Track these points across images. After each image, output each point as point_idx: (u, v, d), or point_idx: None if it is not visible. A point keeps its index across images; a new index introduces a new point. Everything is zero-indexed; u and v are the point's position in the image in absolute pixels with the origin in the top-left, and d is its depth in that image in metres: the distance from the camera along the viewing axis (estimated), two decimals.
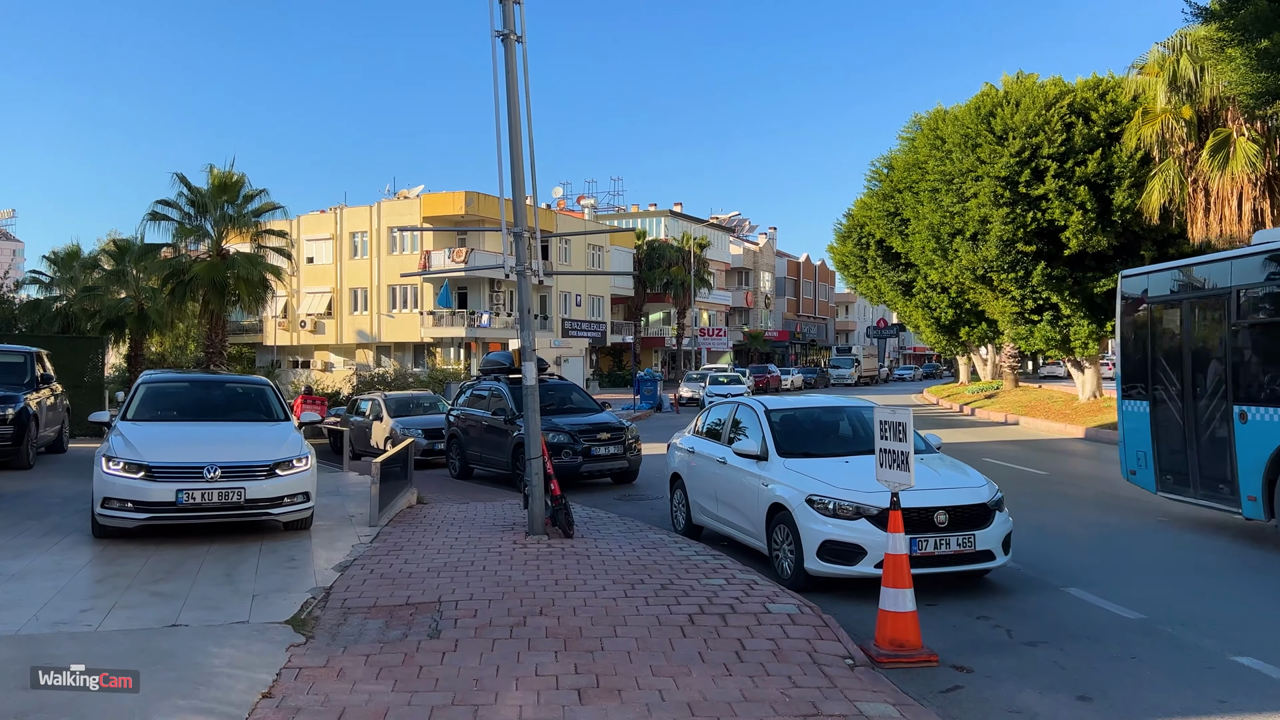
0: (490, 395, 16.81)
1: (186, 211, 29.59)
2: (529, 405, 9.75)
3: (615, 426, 15.68)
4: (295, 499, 9.42)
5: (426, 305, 52.28)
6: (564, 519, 9.66)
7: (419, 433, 19.88)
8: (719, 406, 10.70)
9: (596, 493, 14.89)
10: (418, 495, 13.00)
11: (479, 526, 10.46)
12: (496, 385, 16.73)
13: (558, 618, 6.53)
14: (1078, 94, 24.24)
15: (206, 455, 9.09)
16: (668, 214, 71.17)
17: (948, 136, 26.20)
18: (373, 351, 55.35)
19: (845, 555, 7.71)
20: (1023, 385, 38.77)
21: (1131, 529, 10.97)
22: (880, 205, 33.61)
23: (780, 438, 8.97)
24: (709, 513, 10.02)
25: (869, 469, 8.44)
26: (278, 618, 6.50)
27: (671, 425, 31.71)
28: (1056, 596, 7.90)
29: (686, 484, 10.63)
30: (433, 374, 49.32)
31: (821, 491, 7.95)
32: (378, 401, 21.86)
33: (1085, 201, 23.29)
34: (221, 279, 28.89)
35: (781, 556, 8.31)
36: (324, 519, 10.69)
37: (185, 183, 29.27)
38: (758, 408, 9.54)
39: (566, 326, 56.84)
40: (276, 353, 59.52)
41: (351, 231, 55.41)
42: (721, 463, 9.62)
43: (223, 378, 12.12)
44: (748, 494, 8.98)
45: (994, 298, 28.17)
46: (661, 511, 12.86)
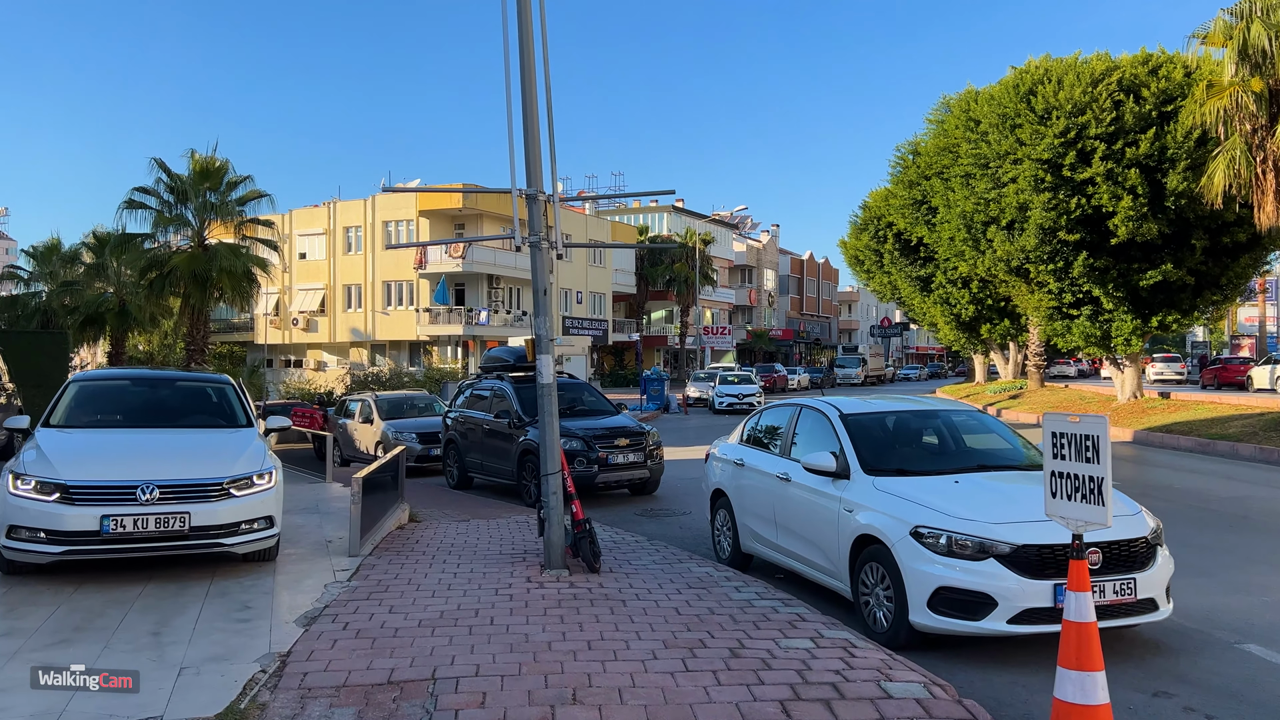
0: (493, 396, 14.97)
1: (166, 199, 27.70)
2: (546, 408, 7.90)
3: (635, 431, 13.84)
4: (255, 525, 7.56)
5: (422, 302, 50.38)
6: (588, 549, 7.82)
7: (413, 437, 18.04)
8: (774, 409, 8.85)
9: (614, 506, 13.04)
10: (409, 512, 11.15)
11: (483, 556, 8.60)
12: (500, 385, 14.89)
13: (599, 708, 4.68)
14: (1126, 70, 22.40)
15: (142, 471, 7.23)
16: (670, 210, 69.25)
17: (983, 117, 24.36)
18: (367, 350, 53.45)
19: (967, 607, 5.87)
20: (1048, 385, 36.96)
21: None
22: (905, 194, 31.74)
23: (864, 450, 7.13)
24: (764, 540, 8.18)
25: (988, 492, 6.65)
26: (206, 711, 4.63)
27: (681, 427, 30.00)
28: (1237, 659, 6.07)
29: (734, 503, 8.78)
30: (429, 373, 47.41)
31: (933, 522, 6.11)
32: (368, 402, 20.00)
33: (1136, 185, 21.46)
34: (203, 271, 27.01)
35: (874, 604, 6.47)
36: (295, 545, 8.83)
37: (164, 168, 27.39)
38: (829, 411, 7.69)
39: (567, 324, 54.96)
40: (268, 351, 57.58)
41: (345, 226, 53.50)
42: (783, 479, 7.78)
43: (173, 375, 10.22)
44: (821, 521, 7.14)
45: (1028, 291, 26.35)
46: (694, 531, 11.03)
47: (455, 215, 51.51)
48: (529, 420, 13.76)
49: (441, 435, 16.54)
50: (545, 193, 7.84)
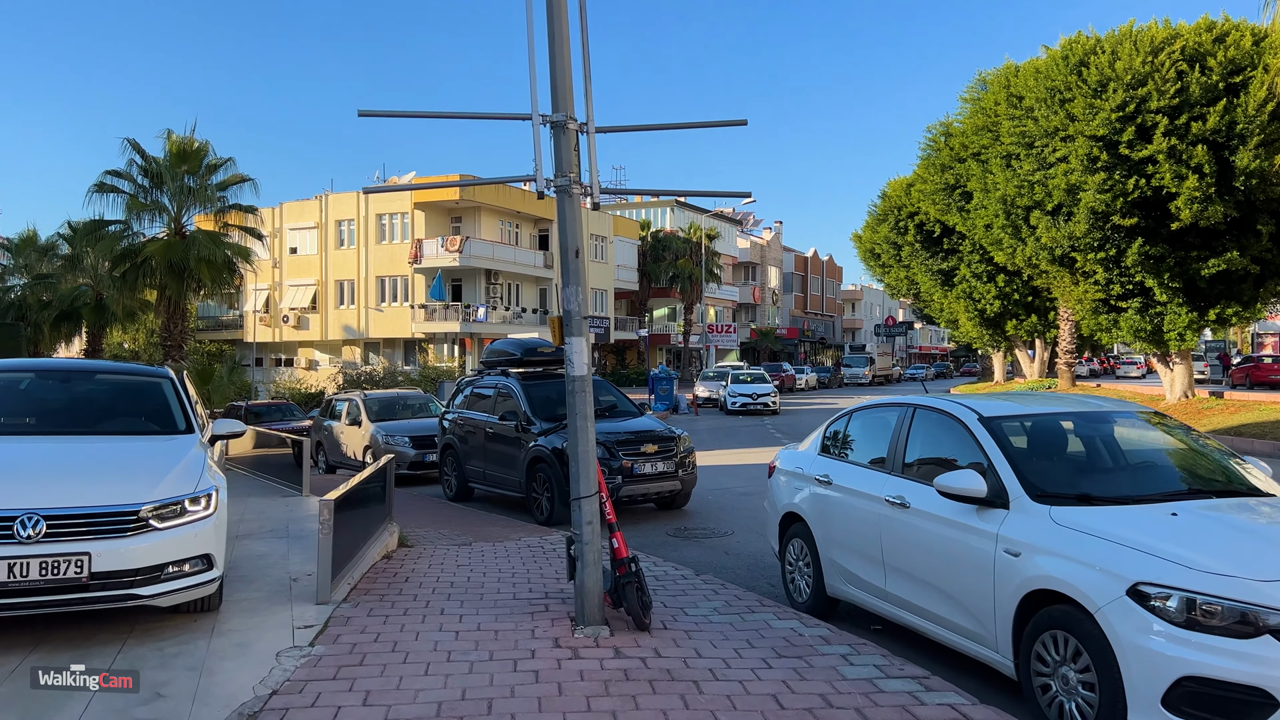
0: (496, 395, 12.98)
1: (140, 183, 25.61)
2: (577, 408, 5.91)
3: (664, 436, 11.84)
4: (186, 567, 5.57)
5: (418, 298, 48.33)
6: (635, 599, 5.83)
7: (405, 441, 16.05)
8: (870, 411, 6.85)
9: (639, 523, 11.07)
10: (399, 535, 9.15)
11: (493, 601, 6.61)
12: (504, 382, 12.90)
13: None
14: (1189, 38, 20.43)
15: (25, 496, 5.23)
16: (673, 204, 67.29)
17: (1028, 92, 22.35)
18: (360, 348, 51.40)
19: (1229, 709, 3.90)
20: (1079, 384, 35.03)
21: None
22: (936, 178, 29.70)
23: (1029, 468, 5.13)
24: (864, 583, 6.20)
25: (1230, 530, 4.65)
26: None
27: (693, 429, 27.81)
28: None
29: (816, 533, 6.79)
30: (424, 372, 45.37)
31: (1163, 576, 4.13)
32: (355, 402, 17.98)
33: (1202, 164, 19.49)
34: (180, 261, 24.94)
35: (1059, 692, 4.48)
36: (249, 586, 6.83)
37: (138, 149, 25.33)
38: (961, 413, 5.69)
39: None
40: (257, 350, 55.55)
41: (338, 220, 51.43)
42: (895, 505, 5.80)
43: (94, 366, 8.14)
44: (964, 566, 5.16)
45: (1071, 283, 24.38)
46: (745, 559, 9.08)
47: (452, 208, 49.50)
48: (539, 422, 11.79)
49: (438, 439, 14.55)
50: (577, 119, 5.85)
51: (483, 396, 13.40)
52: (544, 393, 12.47)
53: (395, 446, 15.96)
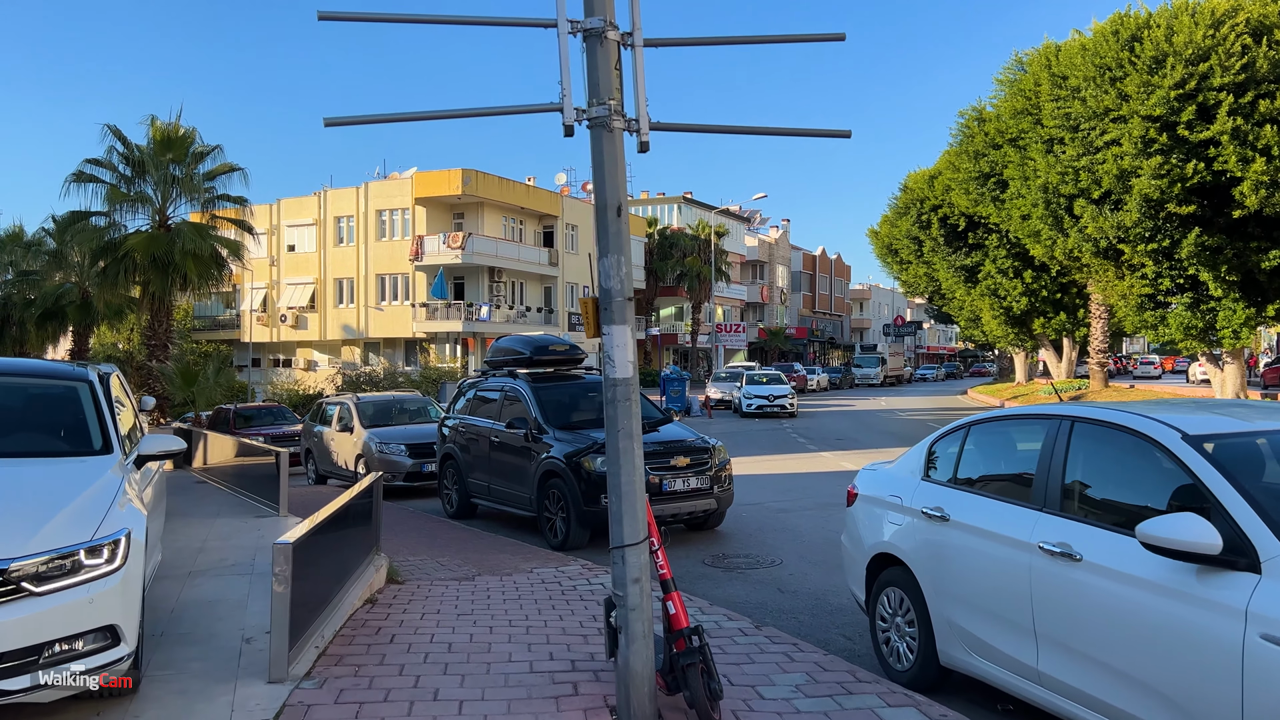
0: (503, 399, 11.42)
1: (122, 173, 24.08)
2: (618, 423, 4.31)
3: (696, 447, 10.26)
4: (77, 646, 4.01)
5: (419, 297, 46.77)
6: (700, 686, 4.23)
7: (401, 449, 14.50)
8: (1001, 424, 5.26)
9: (668, 549, 9.48)
10: (388, 569, 7.59)
11: (503, 680, 5.01)
12: (512, 384, 11.34)
13: None
14: (1253, 10, 18.84)
15: None
16: (681, 200, 65.72)
17: (1073, 71, 20.74)
18: (360, 349, 49.87)
19: None
20: (1112, 385, 33.40)
21: None
22: (969, 166, 28.01)
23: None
24: (1000, 655, 4.61)
25: None
26: None
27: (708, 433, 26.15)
28: None
29: (926, 583, 5.18)
30: (425, 373, 43.78)
31: None
32: (347, 406, 16.41)
33: (1271, 145, 17.89)
34: (164, 254, 23.38)
35: None
36: (187, 649, 5.25)
37: (119, 136, 23.78)
38: (1157, 431, 4.09)
39: (574, 320, 51.40)
40: (253, 350, 54.00)
41: (336, 216, 49.90)
42: (1056, 555, 4.21)
43: None
44: (1189, 653, 3.57)
45: (1115, 277, 22.77)
46: (805, 597, 7.52)
47: (454, 204, 47.93)
48: (552, 430, 10.24)
49: (437, 447, 12.99)
50: (618, 27, 4.27)
51: (487, 400, 11.83)
52: (556, 396, 10.94)
53: (390, 455, 14.41)
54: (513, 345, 12.34)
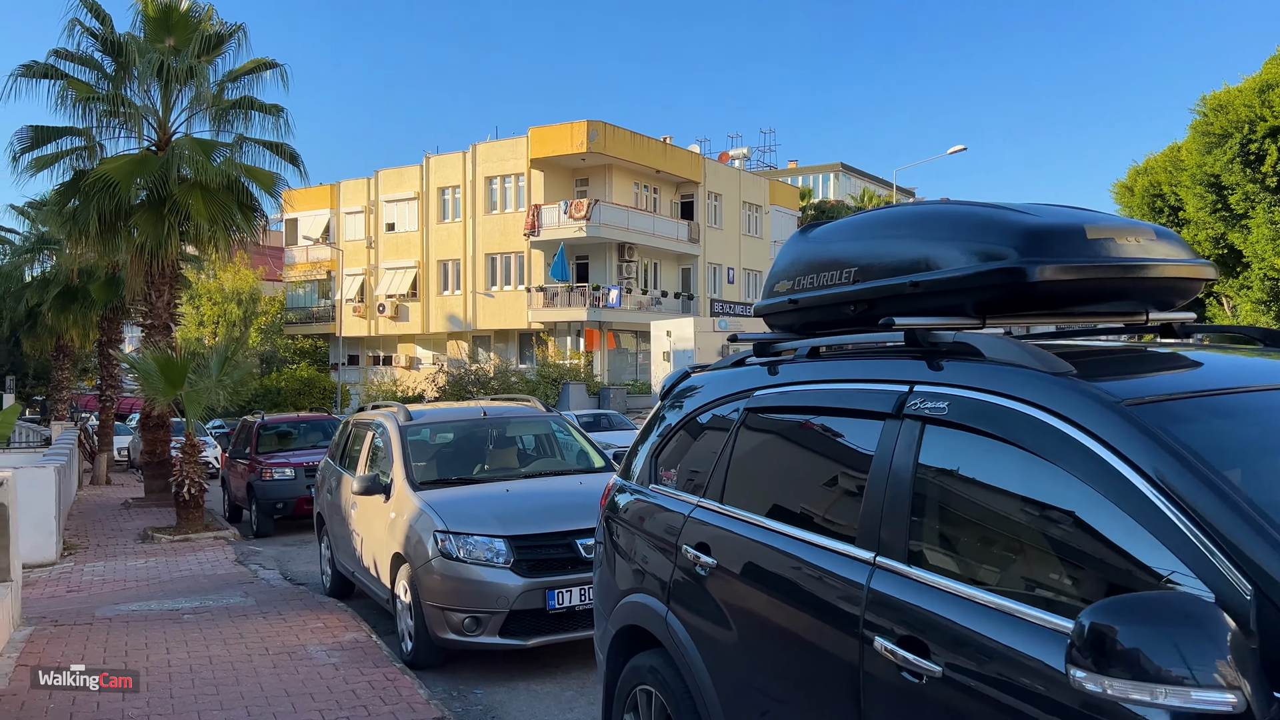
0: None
1: (103, 67, 16.28)
2: None
3: None
4: None
5: (535, 280, 38.61)
6: None
7: (501, 551, 5.62)
8: None
9: None
10: None
11: None
12: None
13: None
14: None
15: None
16: (838, 169, 55.91)
17: None
18: (467, 342, 42.04)
19: None
20: None
21: None
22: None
23: None
24: None
25: None
26: None
27: None
28: None
29: None
30: (543, 370, 35.51)
31: None
32: (385, 431, 7.68)
33: None
34: (157, 185, 15.41)
35: None
36: None
37: (96, 11, 16.00)
38: None
39: (716, 308, 42.20)
40: (350, 345, 47.01)
41: (440, 187, 42.30)
42: None
43: None
44: None
45: None
46: None
47: (577, 167, 39.61)
48: None
49: (596, 556, 4.10)
50: None
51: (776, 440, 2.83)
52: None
53: (473, 570, 5.56)
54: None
